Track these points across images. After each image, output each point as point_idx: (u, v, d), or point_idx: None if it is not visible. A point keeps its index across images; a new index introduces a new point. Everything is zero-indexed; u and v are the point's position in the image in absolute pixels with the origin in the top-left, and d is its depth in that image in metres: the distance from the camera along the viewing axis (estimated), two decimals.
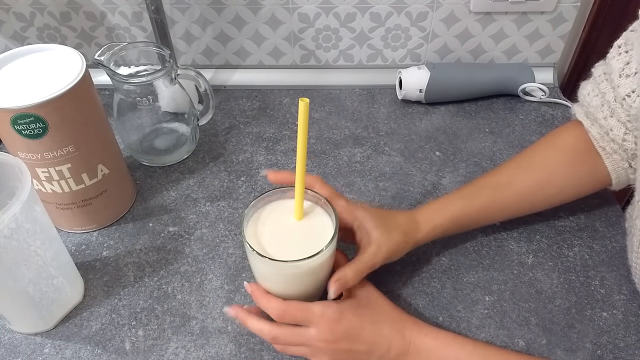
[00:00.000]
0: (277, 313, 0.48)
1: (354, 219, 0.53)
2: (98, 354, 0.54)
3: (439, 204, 0.59)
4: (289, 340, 0.49)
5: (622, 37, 0.54)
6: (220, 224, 0.67)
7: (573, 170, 0.59)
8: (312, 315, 0.48)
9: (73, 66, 0.56)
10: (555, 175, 0.59)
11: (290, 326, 0.49)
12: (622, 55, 0.53)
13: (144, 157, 0.75)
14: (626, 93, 0.52)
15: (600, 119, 0.56)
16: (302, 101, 0.46)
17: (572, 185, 0.60)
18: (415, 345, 0.49)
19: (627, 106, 0.53)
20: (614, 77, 0.54)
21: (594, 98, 0.57)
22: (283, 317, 0.48)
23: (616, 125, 0.55)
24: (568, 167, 0.59)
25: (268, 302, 0.49)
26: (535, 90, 0.83)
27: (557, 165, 0.59)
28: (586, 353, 0.53)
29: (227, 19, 0.84)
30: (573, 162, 0.59)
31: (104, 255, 0.64)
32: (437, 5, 0.81)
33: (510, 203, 0.60)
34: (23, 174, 0.47)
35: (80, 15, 0.85)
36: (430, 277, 0.60)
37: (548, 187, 0.60)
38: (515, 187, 0.59)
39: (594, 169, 0.58)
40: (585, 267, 0.61)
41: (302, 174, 0.50)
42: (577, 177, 0.60)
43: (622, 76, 0.53)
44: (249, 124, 0.82)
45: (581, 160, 0.59)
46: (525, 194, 0.60)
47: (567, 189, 0.60)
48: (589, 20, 0.83)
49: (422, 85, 0.81)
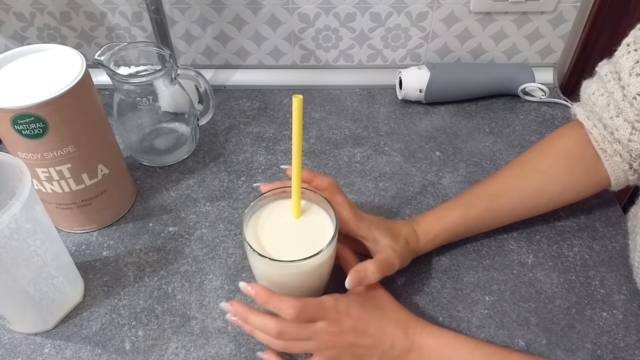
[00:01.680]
0: (296, 311, 0.46)
1: (358, 229, 0.53)
2: (98, 354, 0.54)
3: (436, 214, 0.59)
4: (296, 334, 0.48)
5: (631, 36, 0.54)
6: (220, 224, 0.67)
7: (569, 176, 0.59)
8: (325, 310, 0.48)
9: (73, 66, 0.56)
10: (551, 181, 0.59)
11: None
12: (631, 54, 0.52)
13: (144, 157, 0.75)
14: (637, 92, 0.51)
15: (605, 119, 0.55)
16: (296, 98, 0.46)
17: (568, 190, 0.60)
18: (418, 343, 0.49)
19: (638, 105, 0.52)
20: (624, 75, 0.53)
21: (599, 97, 0.56)
22: (301, 315, 0.47)
23: (622, 125, 0.54)
24: (564, 173, 0.59)
25: (282, 301, 0.47)
26: (535, 90, 0.83)
27: (553, 172, 0.59)
28: (586, 353, 0.54)
29: (227, 19, 0.84)
30: (569, 167, 0.59)
31: (104, 255, 0.64)
32: (437, 5, 0.81)
33: (506, 211, 0.60)
34: (23, 174, 0.47)
35: (80, 15, 0.85)
36: (430, 277, 0.60)
37: (544, 193, 0.60)
38: (511, 195, 0.59)
39: (591, 173, 0.58)
40: (585, 267, 0.61)
41: (298, 171, 0.50)
42: (573, 182, 0.59)
43: (633, 75, 0.52)
44: (249, 124, 0.82)
45: (578, 165, 0.59)
46: (522, 201, 0.60)
47: (564, 194, 0.60)
48: (589, 20, 0.83)
49: (422, 85, 0.81)
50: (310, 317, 0.48)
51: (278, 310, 0.47)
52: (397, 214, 0.67)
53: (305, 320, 0.48)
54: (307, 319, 0.48)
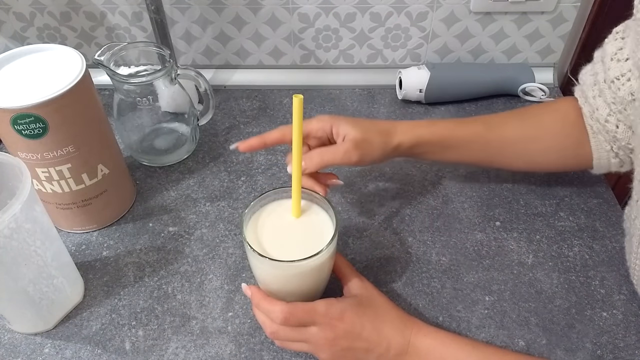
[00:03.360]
0: (283, 316, 0.48)
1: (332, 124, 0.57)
2: (98, 354, 0.54)
3: (428, 121, 0.62)
4: (289, 336, 0.49)
5: (622, 25, 0.56)
6: (220, 224, 0.67)
7: (561, 135, 0.61)
8: (316, 315, 0.48)
9: (73, 66, 0.56)
10: (544, 133, 0.61)
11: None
12: (617, 41, 0.55)
13: (144, 157, 0.75)
14: (615, 76, 0.54)
15: (589, 97, 0.58)
16: (296, 97, 0.46)
17: (556, 149, 0.62)
18: (415, 345, 0.49)
19: (615, 88, 0.54)
20: (606, 60, 0.56)
21: (589, 77, 0.59)
22: (288, 320, 0.48)
23: (602, 106, 0.57)
24: (558, 131, 0.61)
25: (271, 305, 0.49)
26: (535, 90, 0.83)
27: (548, 125, 0.62)
28: (586, 353, 0.54)
29: (227, 19, 0.84)
30: (564, 128, 0.61)
31: (104, 255, 0.64)
32: (437, 5, 0.81)
33: (495, 144, 0.62)
34: (23, 174, 0.47)
35: (80, 15, 0.85)
36: (430, 277, 0.60)
37: (534, 141, 0.62)
38: (505, 130, 0.62)
39: (579, 144, 0.60)
40: (585, 267, 0.61)
41: (299, 172, 0.50)
42: (563, 143, 0.61)
43: (614, 60, 0.55)
44: (249, 124, 0.82)
45: (571, 130, 0.60)
46: (511, 140, 0.62)
47: (550, 151, 0.62)
48: (589, 20, 0.83)
49: (422, 85, 0.81)
50: (299, 322, 0.48)
51: (267, 313, 0.49)
52: (397, 214, 0.67)
53: (295, 325, 0.48)
54: (296, 324, 0.48)
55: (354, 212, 0.68)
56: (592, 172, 0.63)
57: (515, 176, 0.72)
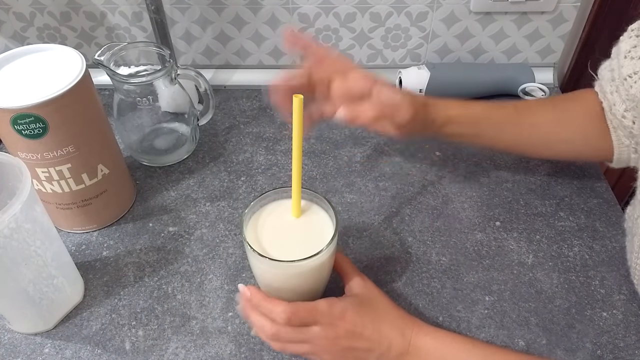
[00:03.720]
0: (286, 316, 0.47)
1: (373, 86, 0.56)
2: (98, 354, 0.54)
3: (459, 101, 0.62)
4: (291, 337, 0.48)
5: (637, 22, 0.56)
6: (220, 224, 0.67)
7: (587, 125, 0.62)
8: (318, 314, 0.48)
9: (73, 66, 0.56)
10: (571, 121, 0.62)
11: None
12: (632, 39, 0.55)
13: (144, 157, 0.75)
14: (627, 74, 0.54)
15: (607, 93, 0.59)
16: (296, 97, 0.46)
17: (581, 138, 0.62)
18: (415, 344, 0.49)
19: (628, 86, 0.55)
20: (620, 57, 0.56)
21: (607, 72, 0.59)
22: (291, 320, 0.47)
23: (618, 102, 0.57)
24: (584, 120, 0.62)
25: (274, 305, 0.48)
26: (535, 90, 0.83)
27: (576, 113, 0.62)
28: (586, 353, 0.54)
29: (227, 19, 0.84)
30: (590, 117, 0.61)
31: (104, 255, 0.64)
32: (437, 5, 0.81)
33: (525, 127, 0.63)
34: (23, 174, 0.47)
35: (80, 15, 0.85)
36: (430, 277, 0.60)
37: (562, 128, 0.62)
38: (535, 113, 0.63)
39: (602, 136, 0.61)
40: (585, 267, 0.61)
41: (299, 171, 0.50)
42: (588, 133, 0.62)
43: (627, 57, 0.55)
44: (249, 124, 0.82)
45: (596, 121, 0.61)
46: (541, 124, 0.62)
47: (575, 140, 0.63)
48: (589, 20, 0.83)
49: (422, 85, 0.81)
50: (302, 321, 0.48)
51: (269, 313, 0.48)
52: (397, 214, 0.67)
53: (298, 325, 0.48)
54: (299, 323, 0.48)
55: (354, 212, 0.68)
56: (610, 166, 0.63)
57: (515, 176, 0.72)
